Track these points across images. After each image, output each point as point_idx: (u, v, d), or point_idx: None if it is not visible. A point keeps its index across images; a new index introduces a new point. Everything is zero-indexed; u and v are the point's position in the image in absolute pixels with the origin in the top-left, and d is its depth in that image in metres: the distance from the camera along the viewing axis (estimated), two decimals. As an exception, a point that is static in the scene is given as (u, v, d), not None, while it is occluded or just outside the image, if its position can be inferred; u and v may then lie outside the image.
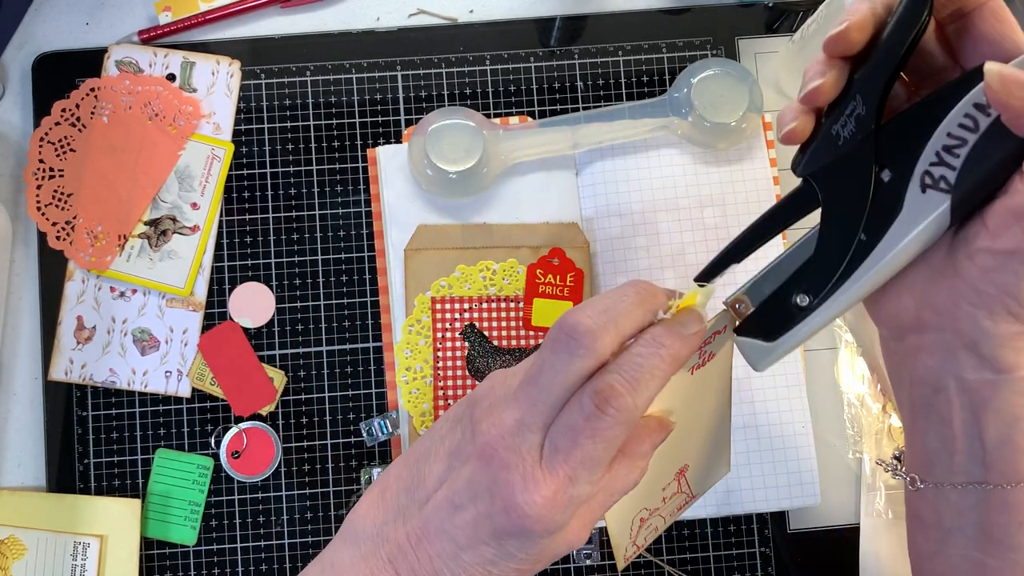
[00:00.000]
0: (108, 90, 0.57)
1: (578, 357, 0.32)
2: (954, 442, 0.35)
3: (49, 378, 0.56)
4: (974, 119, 0.33)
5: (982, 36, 0.34)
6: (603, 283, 0.56)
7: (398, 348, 0.55)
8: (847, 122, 0.35)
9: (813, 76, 0.35)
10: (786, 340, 0.37)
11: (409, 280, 0.55)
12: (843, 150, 0.35)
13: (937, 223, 0.34)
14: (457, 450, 0.35)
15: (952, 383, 0.35)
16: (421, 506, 0.35)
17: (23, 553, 0.54)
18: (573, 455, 0.32)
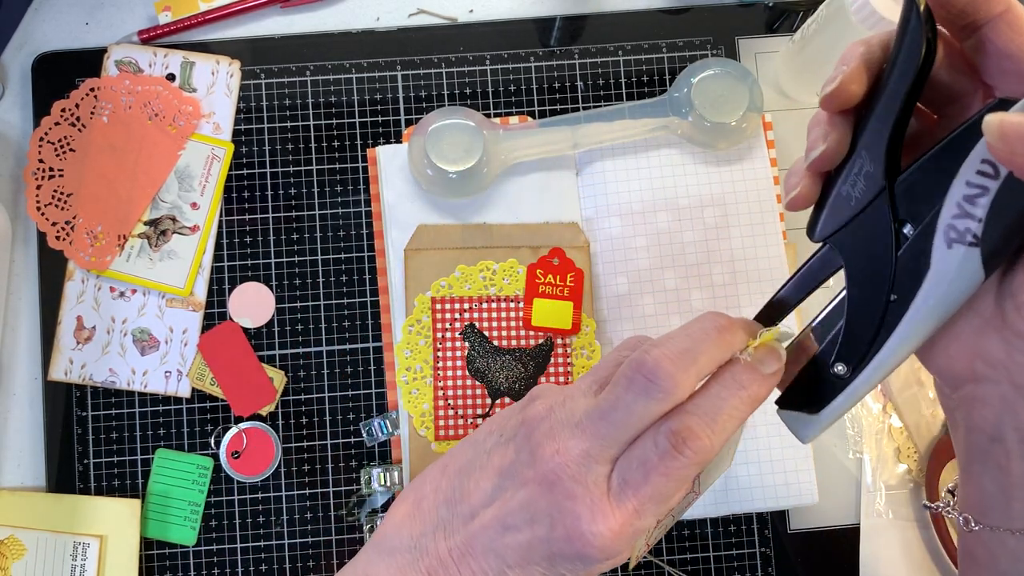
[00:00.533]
0: (108, 90, 0.57)
1: (655, 400, 0.32)
2: (1012, 489, 0.33)
3: (49, 378, 0.56)
4: (992, 164, 0.30)
5: (999, 51, 0.31)
6: (603, 283, 0.56)
7: (398, 348, 0.55)
8: (856, 180, 0.33)
9: (816, 141, 0.33)
10: (830, 412, 0.35)
11: (409, 280, 0.55)
12: (857, 209, 0.33)
13: (969, 278, 0.31)
14: (511, 470, 0.35)
15: (1011, 433, 0.33)
16: (466, 522, 0.35)
17: (23, 553, 0.54)
18: (643, 490, 0.32)
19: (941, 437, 0.56)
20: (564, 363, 0.55)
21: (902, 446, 0.57)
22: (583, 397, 0.35)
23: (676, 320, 0.55)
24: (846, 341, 0.34)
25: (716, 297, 0.56)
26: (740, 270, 0.56)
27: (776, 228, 0.57)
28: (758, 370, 0.34)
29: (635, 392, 0.32)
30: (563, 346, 0.55)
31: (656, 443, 0.32)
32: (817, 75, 0.55)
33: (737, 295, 0.56)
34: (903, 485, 0.57)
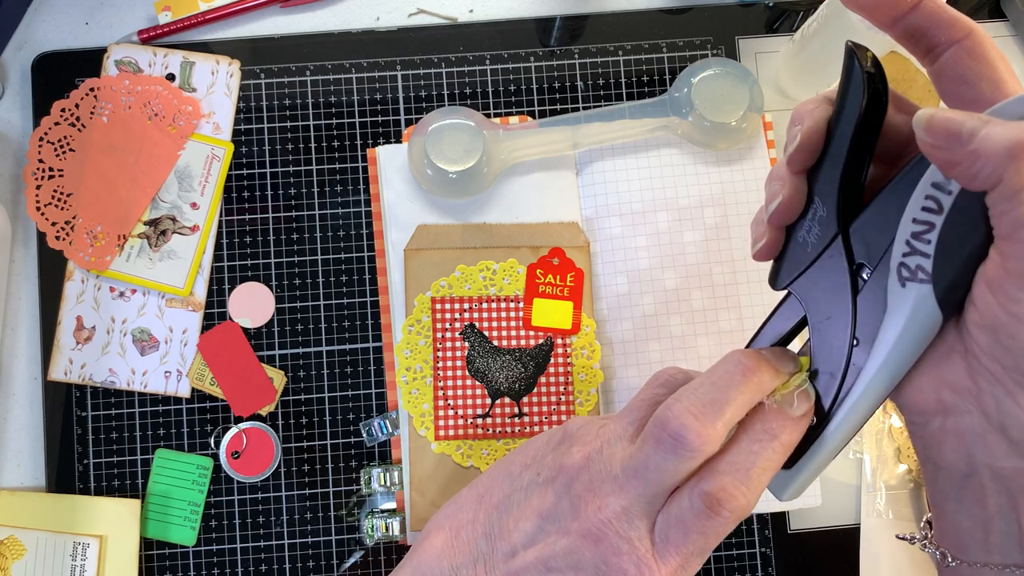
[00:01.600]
0: (108, 90, 0.57)
1: (685, 459, 0.32)
2: (989, 523, 0.32)
3: (49, 378, 0.56)
4: (936, 200, 0.29)
5: (957, 77, 0.30)
6: (603, 283, 0.56)
7: (398, 348, 0.55)
8: (812, 227, 0.33)
9: (774, 193, 0.33)
10: (805, 465, 0.34)
11: (409, 280, 0.55)
12: (814, 255, 0.33)
13: (926, 316, 0.30)
14: (552, 515, 0.35)
15: (984, 470, 0.31)
16: (507, 559, 0.35)
17: (22, 553, 0.54)
18: (684, 548, 0.33)
19: (941, 437, 0.56)
20: (564, 363, 0.55)
21: (902, 446, 0.57)
22: (620, 445, 0.35)
23: (676, 320, 0.55)
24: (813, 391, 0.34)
25: (716, 297, 0.56)
26: (740, 270, 0.56)
27: (776, 228, 0.57)
28: (788, 415, 0.33)
29: (663, 452, 0.32)
30: (563, 346, 0.55)
31: (692, 504, 0.32)
32: (817, 75, 0.55)
33: (737, 295, 0.56)
34: (903, 485, 0.57)
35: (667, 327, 0.55)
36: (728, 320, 0.56)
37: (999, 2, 0.61)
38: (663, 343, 0.55)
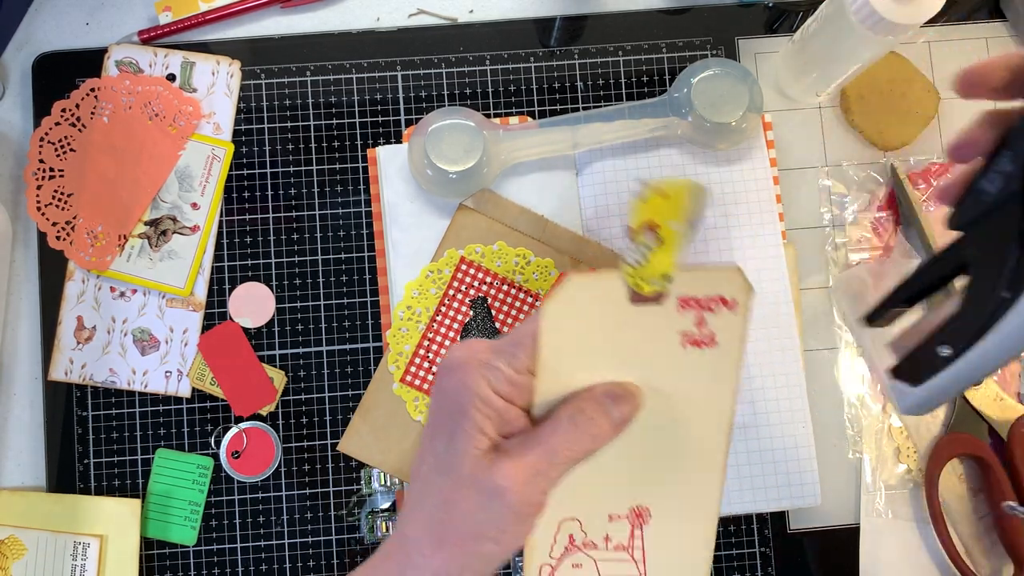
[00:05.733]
0: (108, 90, 0.57)
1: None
2: None
3: (49, 378, 0.56)
4: None
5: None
6: (603, 283, 0.56)
7: (409, 285, 0.55)
8: (995, 178, 0.34)
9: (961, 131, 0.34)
10: (930, 387, 0.36)
11: (450, 232, 0.55)
12: (990, 205, 0.34)
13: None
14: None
15: None
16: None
17: (23, 553, 0.54)
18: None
19: (941, 437, 0.56)
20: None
21: (902, 446, 0.57)
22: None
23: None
24: (954, 325, 0.35)
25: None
26: None
27: (776, 228, 0.57)
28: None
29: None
30: None
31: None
32: (817, 75, 0.55)
33: (737, 295, 0.56)
34: (903, 485, 0.57)
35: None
36: (728, 320, 0.56)
37: (999, 2, 0.61)
38: (663, 343, 0.55)
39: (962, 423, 0.56)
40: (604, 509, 0.39)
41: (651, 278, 0.35)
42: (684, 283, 0.36)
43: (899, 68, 0.58)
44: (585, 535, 0.39)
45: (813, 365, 0.57)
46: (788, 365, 0.55)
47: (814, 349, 0.58)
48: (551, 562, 0.39)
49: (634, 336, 0.36)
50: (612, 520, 0.39)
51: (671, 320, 0.36)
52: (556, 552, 0.39)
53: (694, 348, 0.36)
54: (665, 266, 0.35)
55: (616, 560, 0.39)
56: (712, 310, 0.36)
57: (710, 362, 0.37)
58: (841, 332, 0.58)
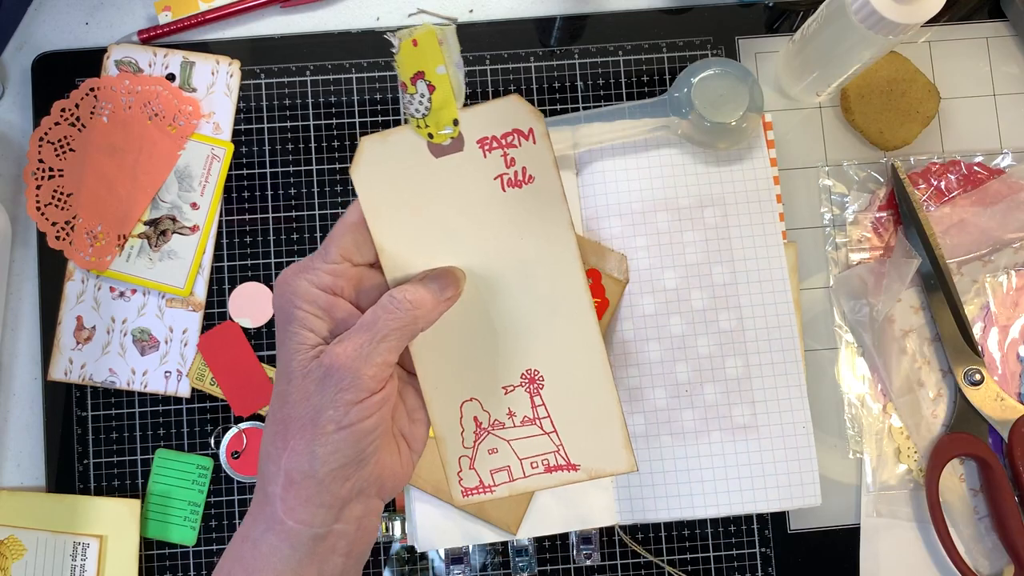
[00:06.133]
0: (108, 90, 0.57)
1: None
2: None
3: (49, 378, 0.56)
4: None
5: None
6: (603, 283, 0.56)
7: None
8: None
9: None
10: None
11: None
12: None
13: None
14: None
15: None
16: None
17: (23, 553, 0.54)
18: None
19: (941, 437, 0.56)
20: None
21: (902, 446, 0.57)
22: None
23: (676, 320, 0.55)
24: None
25: (716, 297, 0.56)
26: (740, 270, 0.56)
27: (776, 228, 0.57)
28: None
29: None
30: None
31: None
32: (817, 75, 0.55)
33: (737, 295, 0.56)
34: (903, 485, 0.57)
35: (667, 327, 0.55)
36: (728, 320, 0.56)
37: (999, 2, 0.61)
38: (663, 343, 0.55)
39: (963, 423, 0.56)
40: (496, 381, 0.39)
41: (439, 126, 0.36)
42: (473, 123, 0.36)
43: (899, 68, 0.58)
44: (489, 415, 0.39)
45: (813, 365, 0.57)
46: (788, 365, 0.55)
47: (814, 349, 0.58)
48: (467, 452, 0.39)
49: (455, 191, 0.37)
50: (508, 392, 0.39)
51: (481, 167, 0.37)
52: (468, 440, 0.39)
53: (515, 190, 0.37)
54: (447, 110, 0.36)
55: (528, 436, 0.39)
56: (515, 145, 0.37)
57: (534, 198, 0.37)
58: (841, 332, 0.58)
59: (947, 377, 0.57)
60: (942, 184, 0.58)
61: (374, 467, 0.36)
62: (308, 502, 0.35)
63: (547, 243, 0.38)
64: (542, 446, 0.39)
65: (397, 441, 0.39)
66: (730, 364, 0.55)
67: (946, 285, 0.56)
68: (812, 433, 0.55)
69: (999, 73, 0.60)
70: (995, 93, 0.60)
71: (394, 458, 0.38)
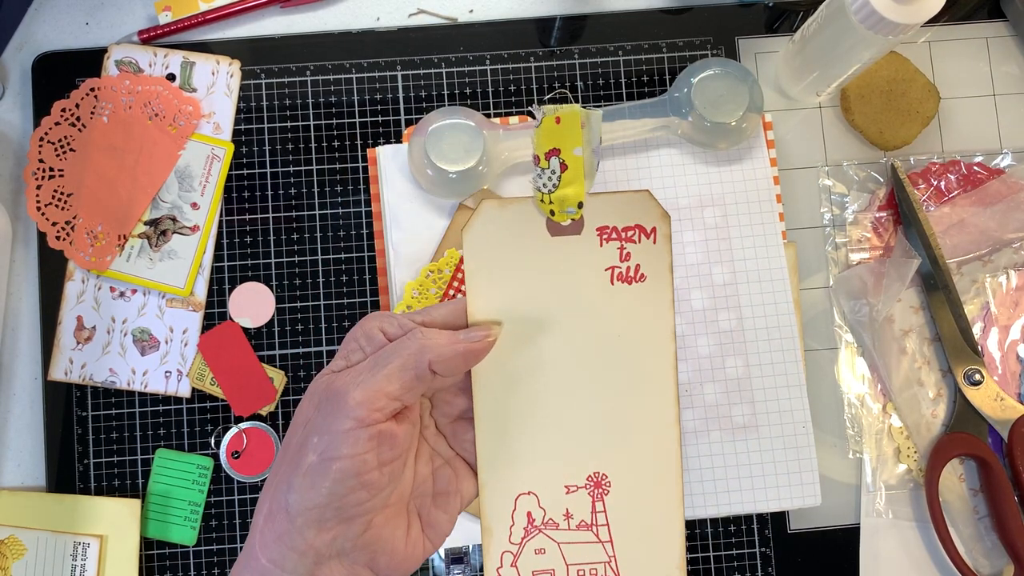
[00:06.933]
0: (108, 90, 0.57)
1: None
2: None
3: (49, 378, 0.56)
4: None
5: None
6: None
7: (410, 285, 0.55)
8: None
9: None
10: None
11: (450, 231, 0.55)
12: None
13: None
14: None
15: None
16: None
17: (23, 553, 0.54)
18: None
19: (941, 437, 0.56)
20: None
21: (902, 446, 0.57)
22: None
23: (676, 319, 0.55)
24: None
25: (716, 297, 0.56)
26: (740, 270, 0.56)
27: (776, 228, 0.57)
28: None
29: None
30: None
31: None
32: (817, 75, 0.55)
33: (737, 295, 0.56)
34: (903, 485, 0.57)
35: (667, 327, 0.55)
36: (728, 320, 0.56)
37: (999, 2, 0.61)
38: (663, 343, 0.55)
39: (962, 423, 0.56)
40: (560, 479, 0.37)
41: (563, 205, 0.35)
42: (598, 210, 0.35)
43: (899, 68, 0.58)
44: (544, 512, 0.37)
45: (813, 365, 0.57)
46: (788, 365, 0.55)
47: (814, 349, 0.58)
48: (512, 548, 0.37)
49: (561, 273, 0.36)
50: (570, 492, 0.37)
51: (595, 255, 0.36)
52: (516, 536, 0.37)
53: (623, 285, 0.36)
54: (574, 191, 0.35)
55: (580, 543, 0.37)
56: (634, 241, 0.35)
57: (642, 299, 0.36)
58: (841, 332, 0.58)
59: (947, 377, 0.57)
60: (942, 184, 0.58)
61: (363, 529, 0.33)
62: (280, 541, 0.32)
63: (644, 347, 0.36)
64: (593, 555, 0.37)
65: (409, 516, 0.35)
66: (730, 364, 0.55)
67: (946, 285, 0.56)
68: (812, 433, 0.55)
69: (999, 73, 0.60)
70: (995, 93, 0.60)
71: (397, 532, 0.34)
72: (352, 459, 0.31)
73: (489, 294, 0.35)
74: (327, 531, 0.32)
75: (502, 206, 0.36)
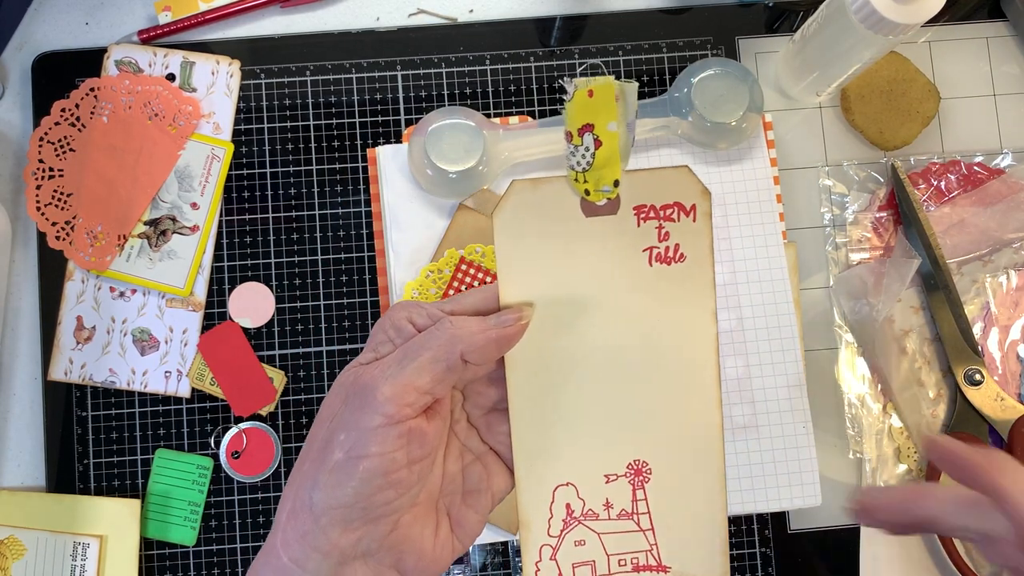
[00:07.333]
0: (108, 90, 0.57)
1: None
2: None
3: (49, 378, 0.56)
4: None
5: None
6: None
7: (410, 285, 0.55)
8: None
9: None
10: None
11: (451, 232, 0.55)
12: None
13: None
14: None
15: None
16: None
17: (23, 553, 0.54)
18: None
19: (941, 437, 0.56)
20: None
21: (902, 446, 0.57)
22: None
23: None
24: None
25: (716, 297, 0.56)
26: (740, 270, 0.56)
27: (776, 228, 0.57)
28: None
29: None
30: None
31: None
32: (817, 75, 0.55)
33: (737, 295, 0.56)
34: (903, 485, 0.57)
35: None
36: (728, 320, 0.56)
37: (999, 2, 0.61)
38: (663, 343, 0.55)
39: (963, 423, 0.56)
40: (599, 468, 0.36)
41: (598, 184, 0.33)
42: (635, 189, 0.34)
43: (899, 68, 0.58)
44: (584, 503, 0.36)
45: (813, 365, 0.57)
46: (788, 365, 0.55)
47: (814, 349, 0.58)
48: (551, 541, 0.36)
49: (597, 255, 0.34)
50: (609, 481, 0.36)
51: (632, 236, 0.34)
52: (555, 528, 0.36)
53: (662, 266, 0.34)
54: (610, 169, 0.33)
55: (622, 532, 0.36)
56: (673, 219, 0.34)
57: (681, 280, 0.34)
58: (841, 332, 0.58)
59: (947, 377, 0.57)
60: (942, 184, 0.58)
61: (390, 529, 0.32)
62: (303, 540, 0.31)
63: (684, 330, 0.35)
64: (635, 543, 0.36)
65: (438, 515, 0.34)
66: (730, 364, 0.55)
67: (946, 285, 0.56)
68: (812, 433, 0.55)
69: (999, 73, 0.60)
70: (995, 93, 0.60)
71: (425, 532, 0.33)
72: (380, 457, 0.30)
73: (521, 278, 0.34)
74: (352, 531, 0.31)
75: (534, 186, 0.34)
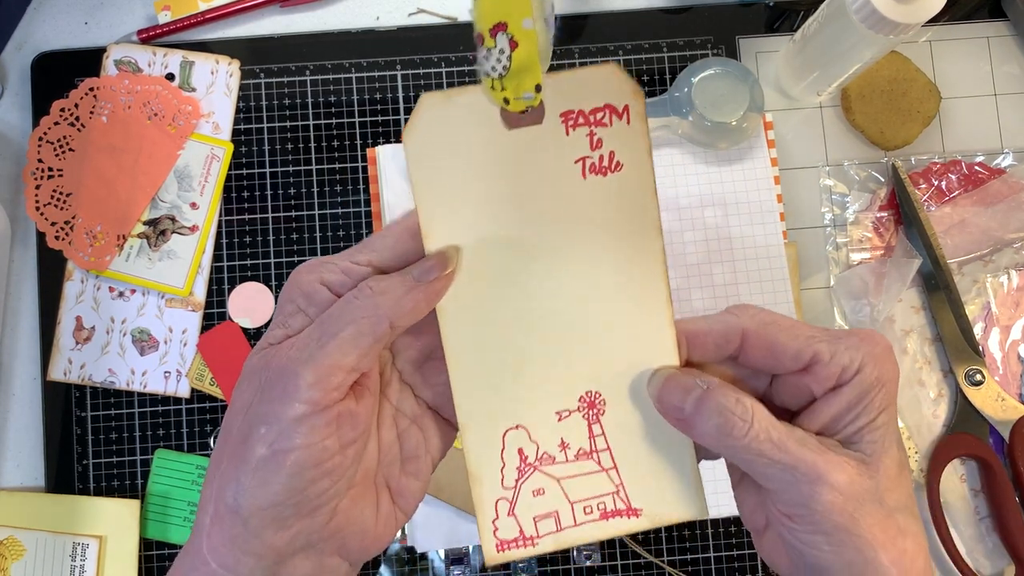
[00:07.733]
0: (107, 90, 0.57)
1: None
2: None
3: (48, 378, 0.56)
4: None
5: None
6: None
7: None
8: None
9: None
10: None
11: None
12: None
13: None
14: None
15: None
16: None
17: (22, 554, 0.54)
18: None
19: (942, 437, 0.56)
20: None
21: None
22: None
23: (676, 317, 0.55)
24: None
25: (716, 297, 0.56)
26: (740, 270, 0.56)
27: (776, 228, 0.57)
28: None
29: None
30: None
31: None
32: (817, 75, 0.55)
33: (738, 295, 0.56)
34: (904, 485, 0.56)
35: (667, 327, 0.55)
36: (728, 320, 0.55)
37: (999, 2, 0.61)
38: (663, 343, 0.55)
39: (963, 424, 0.56)
40: (549, 406, 0.32)
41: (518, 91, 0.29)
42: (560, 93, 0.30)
43: (900, 67, 0.58)
44: (537, 446, 0.32)
45: (814, 365, 0.57)
46: (789, 365, 0.55)
47: (815, 349, 0.57)
48: (506, 494, 0.32)
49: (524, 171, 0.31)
50: (562, 419, 0.32)
51: (561, 146, 0.31)
52: (508, 479, 0.32)
53: (598, 177, 0.31)
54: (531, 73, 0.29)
55: (583, 475, 0.33)
56: (605, 124, 0.31)
57: (620, 192, 0.31)
58: (842, 332, 0.58)
59: (948, 377, 0.57)
60: (943, 184, 0.58)
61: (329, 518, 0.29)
62: (232, 545, 0.28)
63: (627, 245, 0.32)
64: (599, 486, 0.32)
65: (378, 491, 0.31)
66: (730, 364, 0.55)
67: (947, 285, 0.56)
68: (812, 433, 0.55)
69: (1000, 73, 0.60)
70: (996, 93, 0.60)
71: (366, 512, 0.30)
72: (309, 448, 0.27)
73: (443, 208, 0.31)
74: (287, 529, 0.28)
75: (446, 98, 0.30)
